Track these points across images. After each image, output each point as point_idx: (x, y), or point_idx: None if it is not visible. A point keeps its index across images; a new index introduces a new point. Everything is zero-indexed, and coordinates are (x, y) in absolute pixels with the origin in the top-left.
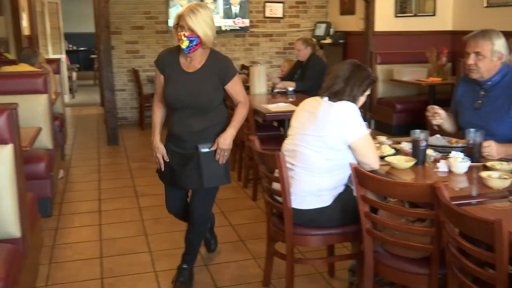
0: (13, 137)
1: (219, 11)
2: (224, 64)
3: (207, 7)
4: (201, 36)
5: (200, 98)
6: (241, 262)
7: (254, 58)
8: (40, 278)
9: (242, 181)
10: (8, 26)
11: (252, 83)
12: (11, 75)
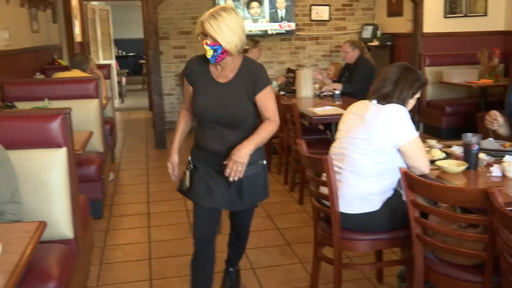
0: (66, 141)
1: (265, 15)
2: (257, 72)
3: (233, 10)
4: (222, 44)
5: (234, 112)
6: (288, 266)
7: (300, 62)
8: (91, 278)
9: (288, 185)
10: (62, 33)
11: (298, 86)
12: (65, 81)
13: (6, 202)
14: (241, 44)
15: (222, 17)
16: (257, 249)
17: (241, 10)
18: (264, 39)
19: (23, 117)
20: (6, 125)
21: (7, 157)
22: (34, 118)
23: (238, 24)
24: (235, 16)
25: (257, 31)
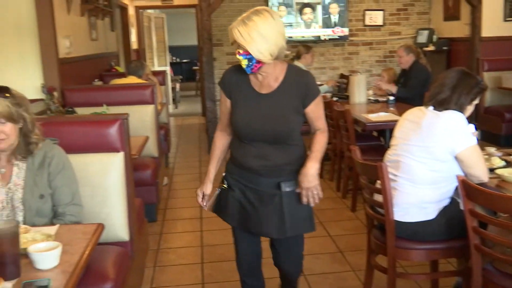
0: (123, 145)
1: (318, 21)
2: (306, 81)
3: (267, 12)
4: (253, 54)
5: (279, 126)
6: (340, 273)
7: (353, 67)
8: (145, 280)
9: (341, 191)
10: (119, 41)
11: (351, 92)
12: (122, 87)
13: (67, 204)
14: (279, 50)
15: (254, 22)
16: (309, 255)
17: (293, 16)
18: (316, 44)
19: (83, 123)
20: (67, 130)
21: (68, 161)
22: (93, 123)
23: (274, 29)
24: (269, 19)
25: (310, 36)
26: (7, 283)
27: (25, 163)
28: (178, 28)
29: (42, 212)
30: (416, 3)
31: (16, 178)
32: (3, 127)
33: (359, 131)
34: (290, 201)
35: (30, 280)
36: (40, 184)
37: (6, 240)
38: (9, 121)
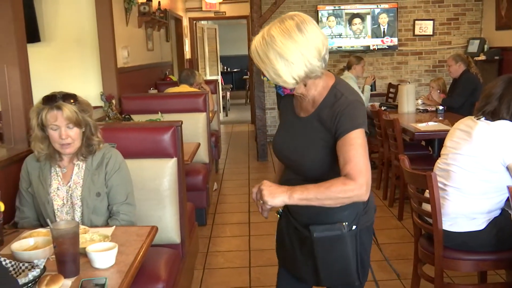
0: (177, 152)
1: (367, 31)
2: (341, 109)
3: (294, 26)
4: (270, 78)
5: (302, 158)
6: (387, 282)
7: (402, 77)
8: (195, 282)
9: (388, 200)
10: (173, 51)
11: (400, 101)
12: (176, 95)
13: (121, 203)
14: (308, 71)
15: (273, 38)
16: None
17: (342, 26)
18: (365, 54)
19: (139, 129)
20: (124, 136)
21: (124, 163)
22: (149, 130)
23: (300, 46)
24: (294, 34)
25: (359, 46)
26: (66, 281)
27: (84, 163)
28: (229, 38)
29: (99, 210)
30: (467, 12)
31: (76, 177)
32: (70, 131)
33: (407, 140)
34: (323, 249)
35: (88, 278)
36: (97, 183)
37: (67, 240)
38: (75, 126)
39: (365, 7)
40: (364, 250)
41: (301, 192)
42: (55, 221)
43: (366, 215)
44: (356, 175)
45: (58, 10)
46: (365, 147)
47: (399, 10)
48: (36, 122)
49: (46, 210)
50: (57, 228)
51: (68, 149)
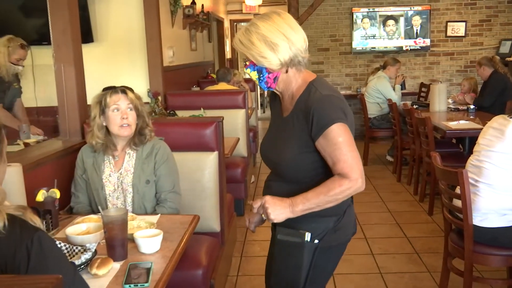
0: (218, 146)
1: (400, 32)
2: (314, 106)
3: (276, 15)
4: (254, 60)
5: (277, 157)
6: (416, 274)
7: (434, 77)
8: (233, 268)
9: (418, 195)
10: (215, 51)
11: (432, 100)
12: (218, 93)
13: (168, 191)
14: (292, 56)
15: (255, 26)
16: (386, 255)
17: (376, 27)
18: (398, 54)
19: (183, 124)
20: (170, 131)
21: (171, 155)
22: (192, 125)
23: (282, 30)
24: (276, 20)
25: (392, 47)
26: (115, 264)
27: (135, 152)
28: None
29: (147, 196)
30: (500, 14)
31: (127, 165)
32: (130, 113)
33: (438, 138)
34: (281, 253)
35: (135, 262)
36: (146, 171)
37: (117, 226)
38: (134, 110)
39: (398, 9)
40: (322, 269)
41: (303, 204)
42: (106, 208)
43: (335, 234)
44: (348, 172)
45: (110, 13)
46: (349, 142)
47: (432, 12)
48: (98, 109)
49: (98, 196)
50: (107, 214)
51: (126, 131)
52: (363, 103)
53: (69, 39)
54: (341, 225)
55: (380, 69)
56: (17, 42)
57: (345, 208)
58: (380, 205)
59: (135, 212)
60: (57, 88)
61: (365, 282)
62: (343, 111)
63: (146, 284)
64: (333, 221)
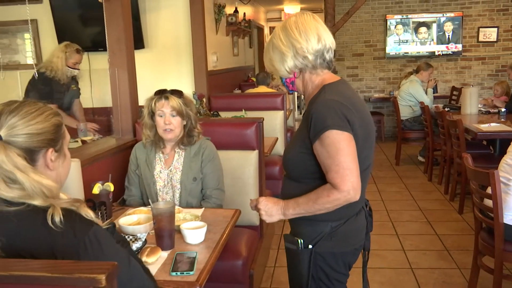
0: (258, 145)
1: (433, 38)
2: (313, 110)
3: (294, 17)
4: (266, 67)
5: (286, 157)
6: (446, 270)
7: (465, 81)
8: (270, 260)
9: (449, 195)
10: (255, 56)
11: (463, 103)
12: (258, 95)
13: (214, 188)
14: (300, 61)
15: (275, 34)
16: (417, 251)
17: (409, 33)
18: (430, 59)
19: (226, 124)
20: (214, 130)
21: (216, 154)
22: (235, 125)
23: (294, 38)
24: (290, 29)
25: (425, 52)
26: (163, 253)
27: (183, 151)
28: None
29: (194, 192)
30: None
31: (176, 163)
32: (173, 119)
33: (468, 140)
34: (288, 259)
35: (181, 251)
36: (194, 169)
37: (165, 218)
38: (178, 115)
39: (431, 16)
40: (325, 276)
41: (293, 209)
42: (156, 201)
43: (331, 241)
44: (339, 183)
45: (159, 21)
46: (344, 151)
47: (464, 18)
48: (147, 111)
49: (150, 190)
50: (156, 207)
51: (169, 135)
52: (396, 105)
53: (123, 46)
54: (340, 233)
55: (413, 73)
56: (73, 47)
57: (349, 216)
58: (412, 203)
59: (181, 206)
60: (112, 91)
61: (396, 277)
62: (346, 119)
63: (191, 272)
64: (330, 226)
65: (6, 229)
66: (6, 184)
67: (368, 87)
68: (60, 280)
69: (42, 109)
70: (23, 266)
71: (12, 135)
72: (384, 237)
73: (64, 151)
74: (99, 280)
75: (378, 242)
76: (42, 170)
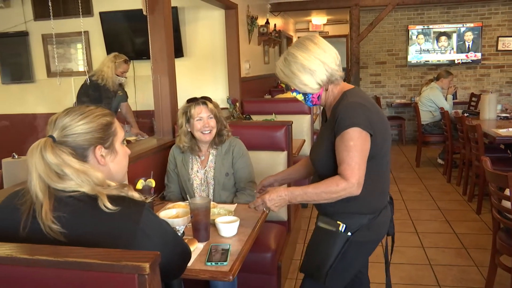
0: (287, 146)
1: (453, 47)
2: (338, 110)
3: (309, 41)
4: (297, 88)
5: (314, 156)
6: (464, 267)
7: (484, 88)
8: (297, 253)
9: (467, 196)
10: None
11: (482, 109)
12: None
13: (247, 181)
14: (329, 76)
15: (293, 56)
16: (436, 248)
17: (430, 43)
18: (450, 67)
19: (258, 127)
20: (246, 132)
21: (245, 150)
22: (266, 127)
23: (317, 56)
24: (310, 47)
25: (445, 60)
26: (200, 244)
27: (215, 151)
28: None
29: (226, 186)
30: None
31: (211, 162)
32: (211, 121)
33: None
34: (317, 237)
35: (216, 243)
36: (225, 165)
37: (201, 212)
38: (214, 118)
39: (452, 26)
40: (348, 262)
41: (301, 197)
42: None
43: (369, 231)
44: (348, 175)
45: (197, 32)
46: (359, 147)
47: (484, 28)
48: (184, 119)
49: (187, 187)
50: (194, 202)
51: (208, 136)
52: (416, 111)
53: (164, 55)
54: (375, 224)
55: (434, 80)
56: (121, 58)
57: (381, 209)
58: (431, 203)
59: (214, 201)
60: (154, 95)
61: (415, 272)
62: (368, 120)
63: (225, 263)
64: (368, 218)
65: (66, 212)
66: (59, 176)
67: (390, 93)
68: (109, 267)
69: (91, 111)
70: (77, 254)
71: (63, 136)
72: (404, 234)
73: (115, 148)
74: (144, 268)
75: (399, 239)
76: (94, 165)
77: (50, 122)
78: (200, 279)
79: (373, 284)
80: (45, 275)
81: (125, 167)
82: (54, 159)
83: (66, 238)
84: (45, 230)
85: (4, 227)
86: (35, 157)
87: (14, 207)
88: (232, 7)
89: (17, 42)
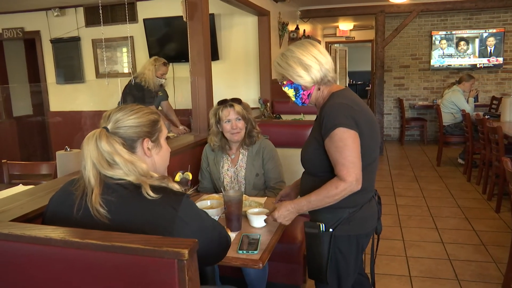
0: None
1: (475, 51)
2: (325, 110)
3: (308, 43)
4: (292, 79)
5: (302, 155)
6: (482, 263)
7: (505, 91)
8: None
9: (486, 195)
10: None
11: (503, 111)
12: None
13: (276, 181)
14: (322, 75)
15: (291, 51)
16: (455, 244)
17: (453, 48)
18: (472, 71)
19: (287, 125)
20: (276, 131)
21: (275, 151)
22: (295, 126)
23: (313, 55)
24: (308, 47)
25: (467, 65)
26: (232, 234)
27: (246, 151)
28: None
29: (257, 186)
30: None
31: (241, 162)
32: (239, 123)
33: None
34: (309, 243)
35: (247, 233)
36: (256, 166)
37: (234, 204)
38: (242, 119)
39: (474, 31)
40: (342, 257)
41: (307, 207)
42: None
43: (349, 225)
44: (345, 175)
45: (232, 37)
46: (349, 146)
47: (506, 34)
48: (214, 120)
49: (219, 185)
50: (227, 194)
51: (236, 136)
52: (438, 112)
53: (202, 58)
54: (357, 217)
55: (456, 83)
56: (160, 61)
57: (363, 203)
58: (451, 201)
59: None
60: (192, 95)
61: (435, 266)
62: (354, 119)
63: (255, 251)
64: (348, 212)
65: (113, 196)
66: (109, 164)
67: (413, 95)
68: (151, 252)
69: (141, 108)
70: (122, 238)
71: (116, 127)
72: (424, 230)
73: (160, 143)
74: (183, 254)
75: (419, 234)
76: (141, 156)
77: (104, 116)
78: (232, 265)
79: (392, 276)
80: (93, 258)
81: (167, 161)
82: (107, 147)
83: (110, 221)
84: (93, 212)
85: (61, 209)
86: (90, 145)
87: (70, 192)
88: (264, 14)
89: (70, 47)
